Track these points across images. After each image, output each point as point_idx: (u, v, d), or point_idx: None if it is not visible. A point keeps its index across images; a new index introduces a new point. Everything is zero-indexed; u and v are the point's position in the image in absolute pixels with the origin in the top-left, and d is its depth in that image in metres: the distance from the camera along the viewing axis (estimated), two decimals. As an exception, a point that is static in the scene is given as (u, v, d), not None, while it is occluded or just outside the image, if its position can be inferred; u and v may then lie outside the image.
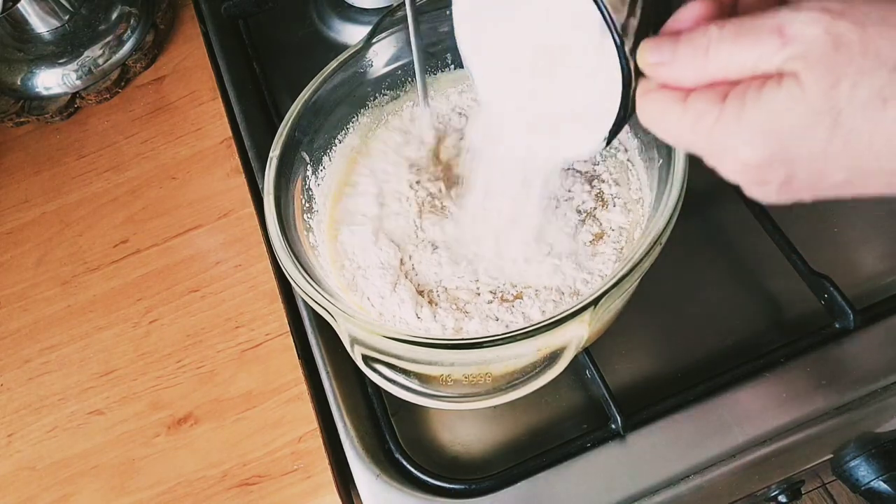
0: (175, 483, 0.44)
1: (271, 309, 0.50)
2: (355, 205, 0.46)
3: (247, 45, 0.66)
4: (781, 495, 0.50)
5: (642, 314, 0.46)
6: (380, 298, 0.41)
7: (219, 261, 0.53)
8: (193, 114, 0.63)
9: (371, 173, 0.47)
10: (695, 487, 0.40)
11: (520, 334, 0.31)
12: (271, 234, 0.38)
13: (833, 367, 0.41)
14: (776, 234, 0.44)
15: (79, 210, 0.59)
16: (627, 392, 0.43)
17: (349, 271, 0.43)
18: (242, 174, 0.58)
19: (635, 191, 0.43)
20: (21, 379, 0.51)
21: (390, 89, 0.47)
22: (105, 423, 0.48)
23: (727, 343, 0.44)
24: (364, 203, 0.45)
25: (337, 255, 0.44)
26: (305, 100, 0.43)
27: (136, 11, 0.67)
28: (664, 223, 0.33)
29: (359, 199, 0.46)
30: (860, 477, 0.44)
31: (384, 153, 0.47)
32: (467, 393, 0.34)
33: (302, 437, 0.45)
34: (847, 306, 0.41)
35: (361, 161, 0.48)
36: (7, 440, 0.48)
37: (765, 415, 0.40)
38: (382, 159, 0.47)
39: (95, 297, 0.54)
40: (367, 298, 0.41)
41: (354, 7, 0.67)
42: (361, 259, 0.43)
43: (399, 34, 0.46)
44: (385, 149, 0.47)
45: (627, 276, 0.32)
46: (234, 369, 0.48)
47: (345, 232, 0.44)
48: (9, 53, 0.65)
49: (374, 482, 0.41)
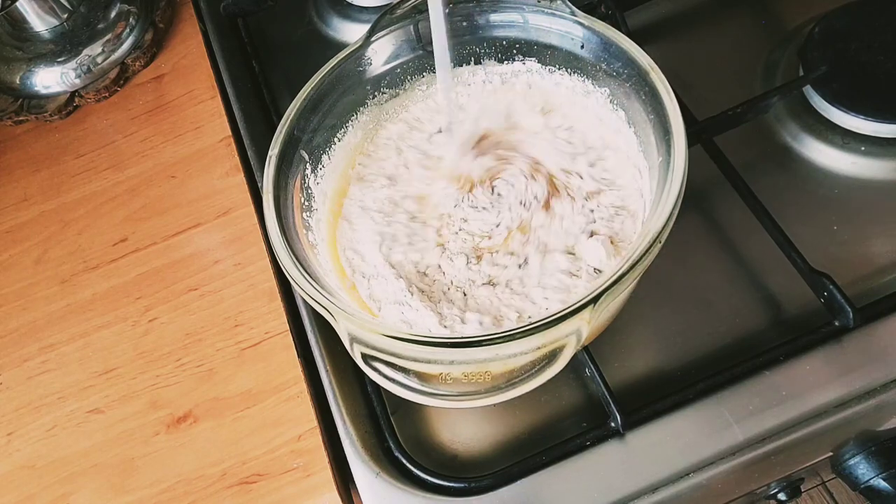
0: (175, 482, 0.44)
1: (271, 307, 0.50)
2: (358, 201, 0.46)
3: (246, 43, 0.66)
4: (781, 493, 0.50)
5: (642, 312, 0.46)
6: (379, 299, 0.41)
7: (218, 259, 0.53)
8: (192, 112, 0.63)
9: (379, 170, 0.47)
10: (694, 485, 0.40)
11: (519, 332, 0.31)
12: (270, 233, 0.38)
13: (833, 365, 0.41)
14: (776, 231, 0.44)
15: (78, 209, 0.59)
16: (627, 390, 0.43)
17: (350, 269, 0.43)
18: (241, 173, 0.58)
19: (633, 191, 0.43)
20: (20, 378, 0.51)
21: (390, 87, 0.47)
22: (104, 421, 0.48)
23: (727, 341, 0.44)
24: (357, 188, 0.46)
25: (338, 252, 0.44)
26: (304, 98, 0.43)
27: (135, 10, 0.67)
28: (664, 221, 0.33)
29: (362, 196, 0.46)
30: (860, 475, 0.44)
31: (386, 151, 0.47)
32: (467, 391, 0.34)
33: (301, 436, 0.45)
34: (847, 304, 0.41)
35: (360, 159, 0.47)
36: (6, 439, 0.48)
37: (764, 413, 0.40)
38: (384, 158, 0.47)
39: (95, 296, 0.54)
40: (369, 298, 0.41)
41: (353, 5, 0.67)
42: (362, 257, 0.43)
43: (398, 32, 0.46)
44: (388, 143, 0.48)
45: (627, 274, 0.32)
46: (233, 368, 0.48)
47: (345, 228, 0.44)
48: (7, 52, 0.65)
49: (374, 480, 0.41)
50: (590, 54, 0.43)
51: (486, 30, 0.46)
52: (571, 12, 0.42)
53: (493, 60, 0.47)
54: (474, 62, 0.47)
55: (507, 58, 0.47)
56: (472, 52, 0.47)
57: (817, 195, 0.49)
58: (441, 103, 0.46)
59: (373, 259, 0.42)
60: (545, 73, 0.46)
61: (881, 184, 0.49)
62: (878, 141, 0.49)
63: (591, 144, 0.45)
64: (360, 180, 0.46)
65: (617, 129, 0.44)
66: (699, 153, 0.49)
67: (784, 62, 0.55)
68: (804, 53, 0.53)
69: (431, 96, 0.49)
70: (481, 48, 0.47)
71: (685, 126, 0.36)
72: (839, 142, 0.50)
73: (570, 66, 0.45)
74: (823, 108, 0.51)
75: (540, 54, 0.45)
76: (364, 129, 0.47)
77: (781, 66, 0.55)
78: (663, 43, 0.59)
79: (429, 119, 0.49)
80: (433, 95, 0.49)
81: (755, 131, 0.52)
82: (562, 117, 0.46)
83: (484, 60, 0.47)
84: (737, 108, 0.50)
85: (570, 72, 0.45)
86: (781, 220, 0.45)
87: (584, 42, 0.42)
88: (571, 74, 0.45)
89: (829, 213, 0.48)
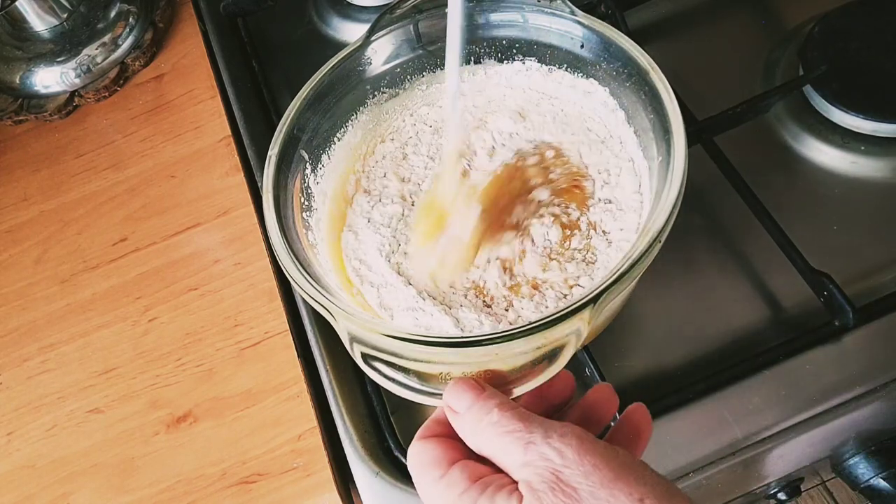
0: (174, 481, 0.44)
1: (270, 307, 0.50)
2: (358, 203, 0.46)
3: (246, 43, 0.66)
4: (781, 493, 0.50)
5: (642, 312, 0.46)
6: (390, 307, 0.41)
7: (218, 259, 0.53)
8: (192, 112, 0.63)
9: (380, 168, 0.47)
10: (694, 485, 0.40)
11: (519, 332, 0.31)
12: (270, 233, 0.38)
13: (832, 364, 0.41)
14: (776, 231, 0.44)
15: (78, 208, 0.59)
16: (627, 390, 0.43)
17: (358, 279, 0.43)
18: (241, 172, 0.58)
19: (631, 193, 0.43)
20: (20, 377, 0.51)
21: (389, 87, 0.47)
22: (104, 421, 0.48)
23: (727, 340, 0.44)
24: (364, 200, 0.45)
25: (338, 251, 0.44)
26: (304, 98, 0.43)
27: (135, 9, 0.67)
28: (664, 220, 0.33)
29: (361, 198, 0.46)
30: (859, 474, 0.44)
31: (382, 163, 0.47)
32: (467, 391, 0.34)
33: (301, 436, 0.45)
34: (846, 304, 0.41)
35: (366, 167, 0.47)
36: (6, 439, 0.48)
37: (764, 412, 0.40)
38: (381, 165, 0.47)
39: (94, 296, 0.54)
40: (379, 307, 0.41)
41: (353, 5, 0.67)
42: (369, 266, 0.43)
43: (398, 31, 0.46)
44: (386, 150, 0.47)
45: (627, 274, 0.32)
46: (233, 368, 0.48)
47: (350, 238, 0.44)
48: (7, 52, 0.65)
49: (374, 480, 0.41)
50: (590, 54, 0.43)
51: (485, 29, 0.46)
52: (571, 12, 0.42)
53: (493, 60, 0.47)
54: (474, 62, 0.47)
55: (506, 57, 0.47)
56: (471, 51, 0.47)
57: (817, 195, 0.49)
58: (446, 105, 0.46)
59: (380, 269, 0.42)
60: (545, 73, 0.46)
61: (881, 183, 0.49)
62: (878, 140, 0.49)
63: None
64: (366, 192, 0.46)
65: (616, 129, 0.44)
66: (699, 153, 0.49)
67: (784, 62, 0.55)
68: (804, 53, 0.53)
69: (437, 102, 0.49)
70: (481, 48, 0.46)
71: (685, 126, 0.36)
72: (839, 141, 0.50)
73: (569, 65, 0.45)
74: (823, 108, 0.51)
75: (540, 54, 0.45)
76: (364, 128, 0.47)
77: (781, 65, 0.55)
78: (663, 43, 0.59)
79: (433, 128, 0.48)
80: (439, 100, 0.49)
81: (755, 131, 0.52)
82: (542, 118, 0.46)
83: (484, 60, 0.47)
84: (737, 107, 0.50)
85: (569, 71, 0.45)
86: (781, 220, 0.45)
87: (584, 41, 0.42)
88: (571, 74, 0.45)
89: (829, 212, 0.48)
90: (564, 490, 0.24)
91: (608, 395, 0.33)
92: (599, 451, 0.25)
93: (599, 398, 0.32)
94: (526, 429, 0.27)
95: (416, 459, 0.29)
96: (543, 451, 0.26)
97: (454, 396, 0.29)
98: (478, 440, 0.28)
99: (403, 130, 0.48)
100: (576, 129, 0.45)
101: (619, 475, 0.25)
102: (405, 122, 0.49)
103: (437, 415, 0.31)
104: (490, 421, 0.27)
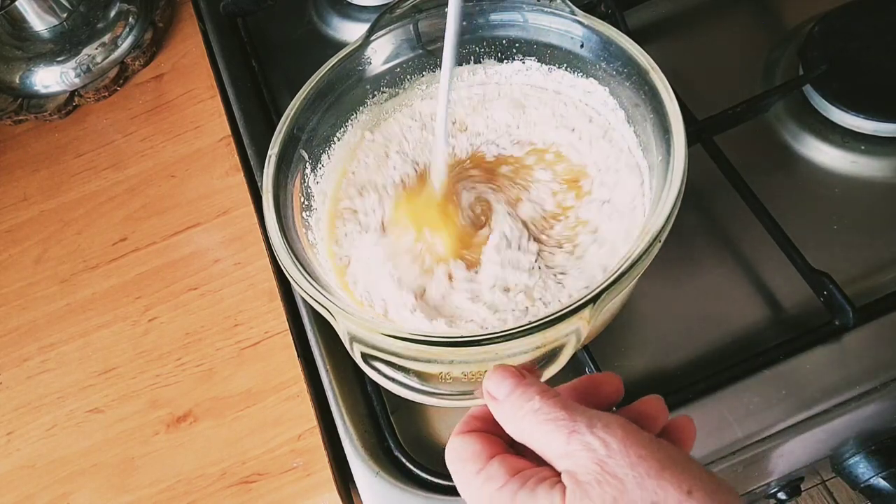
0: (174, 481, 0.44)
1: (270, 307, 0.50)
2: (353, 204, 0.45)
3: (245, 42, 0.66)
4: (781, 492, 0.50)
5: (642, 312, 0.46)
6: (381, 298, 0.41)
7: (218, 259, 0.53)
8: (192, 112, 0.63)
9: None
10: (694, 485, 0.40)
11: (519, 331, 0.31)
12: (270, 232, 0.38)
13: (832, 364, 0.41)
14: (776, 231, 0.44)
15: (78, 208, 0.59)
16: (627, 389, 0.43)
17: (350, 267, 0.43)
18: (241, 172, 0.58)
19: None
20: (20, 377, 0.51)
21: (389, 87, 0.47)
22: (104, 421, 0.48)
23: (726, 340, 0.44)
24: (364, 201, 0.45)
25: (337, 252, 0.44)
26: (304, 97, 0.43)
27: (135, 9, 0.67)
28: (664, 220, 0.33)
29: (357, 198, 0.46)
30: (860, 474, 0.44)
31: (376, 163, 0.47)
32: (466, 390, 0.34)
33: (301, 435, 0.45)
34: (846, 303, 0.41)
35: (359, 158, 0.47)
36: (6, 439, 0.48)
37: (764, 412, 0.40)
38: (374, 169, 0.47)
39: (94, 296, 0.54)
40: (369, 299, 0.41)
41: (353, 5, 0.67)
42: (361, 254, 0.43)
43: (398, 31, 0.46)
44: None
45: (627, 273, 0.32)
46: (233, 367, 0.48)
47: (342, 229, 0.44)
48: (7, 51, 0.65)
49: (374, 480, 0.41)
50: (589, 53, 0.43)
51: (485, 29, 0.46)
52: (571, 11, 0.42)
53: (493, 60, 0.47)
54: (474, 61, 0.47)
55: (506, 57, 0.47)
56: (471, 51, 0.47)
57: (817, 194, 0.49)
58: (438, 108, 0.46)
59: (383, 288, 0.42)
60: (545, 72, 0.46)
61: (881, 183, 0.49)
62: (878, 140, 0.49)
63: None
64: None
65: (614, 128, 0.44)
66: (699, 152, 0.49)
67: (784, 62, 0.55)
68: (804, 53, 0.53)
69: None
70: (481, 47, 0.46)
71: (685, 125, 0.36)
72: (839, 141, 0.50)
73: (569, 65, 0.45)
74: (823, 108, 0.51)
75: (539, 53, 0.45)
76: (364, 128, 0.47)
77: (781, 65, 0.55)
78: (663, 42, 0.59)
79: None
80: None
81: (755, 131, 0.52)
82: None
83: (483, 59, 0.47)
84: (737, 107, 0.50)
85: (569, 70, 0.45)
86: (781, 220, 0.45)
87: (584, 41, 0.42)
88: (571, 73, 0.45)
89: (829, 212, 0.48)
90: (610, 482, 0.23)
91: (658, 409, 0.30)
92: (645, 442, 0.25)
93: (647, 411, 0.30)
94: (569, 417, 0.25)
95: (454, 455, 0.28)
96: (588, 441, 0.25)
97: (494, 383, 0.28)
98: (518, 427, 0.27)
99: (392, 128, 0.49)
100: (576, 123, 0.45)
101: (665, 466, 0.24)
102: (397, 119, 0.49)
103: (475, 410, 0.30)
104: (532, 408, 0.26)
